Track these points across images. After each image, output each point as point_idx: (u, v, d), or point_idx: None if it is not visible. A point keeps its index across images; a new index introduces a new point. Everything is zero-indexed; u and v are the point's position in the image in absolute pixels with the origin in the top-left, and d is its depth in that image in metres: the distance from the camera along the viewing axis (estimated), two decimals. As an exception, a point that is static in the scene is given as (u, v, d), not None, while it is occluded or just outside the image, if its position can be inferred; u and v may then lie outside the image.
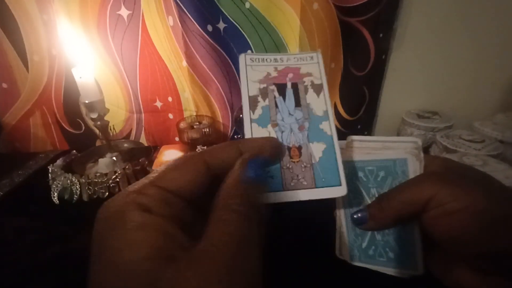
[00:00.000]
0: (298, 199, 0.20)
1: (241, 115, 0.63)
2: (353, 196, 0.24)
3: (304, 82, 0.23)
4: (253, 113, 0.22)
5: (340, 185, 0.20)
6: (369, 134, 0.72)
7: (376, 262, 0.23)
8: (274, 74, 0.23)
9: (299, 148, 0.21)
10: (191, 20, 0.54)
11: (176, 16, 0.53)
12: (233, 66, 0.61)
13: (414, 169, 0.22)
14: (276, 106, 0.22)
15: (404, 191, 0.21)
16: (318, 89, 0.23)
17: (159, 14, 0.55)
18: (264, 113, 0.22)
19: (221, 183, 0.16)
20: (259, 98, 0.22)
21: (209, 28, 0.55)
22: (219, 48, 0.58)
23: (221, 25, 0.56)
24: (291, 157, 0.21)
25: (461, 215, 0.18)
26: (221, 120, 0.68)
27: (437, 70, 0.64)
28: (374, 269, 0.24)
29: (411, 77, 0.65)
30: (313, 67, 0.24)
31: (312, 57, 0.24)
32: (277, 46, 0.59)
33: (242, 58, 0.23)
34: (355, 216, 0.23)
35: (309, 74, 0.23)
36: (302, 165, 0.20)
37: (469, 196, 0.18)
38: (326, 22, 0.56)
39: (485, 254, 0.18)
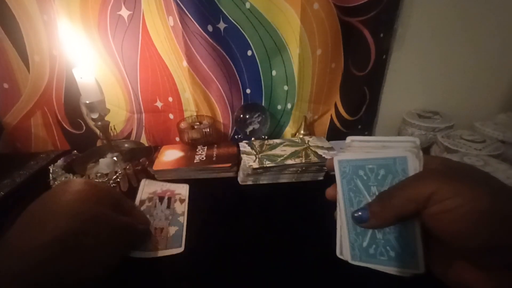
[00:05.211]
0: None
1: (241, 115, 0.63)
2: (354, 194, 0.24)
3: None
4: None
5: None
6: (370, 134, 0.72)
7: (377, 261, 0.23)
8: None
9: None
10: (192, 20, 0.54)
11: (176, 16, 0.54)
12: (233, 66, 0.61)
13: (414, 167, 0.22)
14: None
15: (405, 187, 0.21)
16: None
17: (160, 14, 0.55)
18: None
19: None
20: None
21: (210, 28, 0.56)
22: (219, 48, 0.58)
23: (222, 25, 0.57)
24: None
25: (462, 210, 0.18)
26: (221, 120, 0.68)
27: (438, 70, 0.64)
28: (375, 268, 0.23)
29: (411, 77, 0.65)
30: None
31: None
32: (277, 46, 0.59)
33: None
34: (356, 215, 0.23)
35: None
36: None
37: (470, 192, 0.18)
38: (326, 22, 0.56)
39: (486, 249, 0.18)
